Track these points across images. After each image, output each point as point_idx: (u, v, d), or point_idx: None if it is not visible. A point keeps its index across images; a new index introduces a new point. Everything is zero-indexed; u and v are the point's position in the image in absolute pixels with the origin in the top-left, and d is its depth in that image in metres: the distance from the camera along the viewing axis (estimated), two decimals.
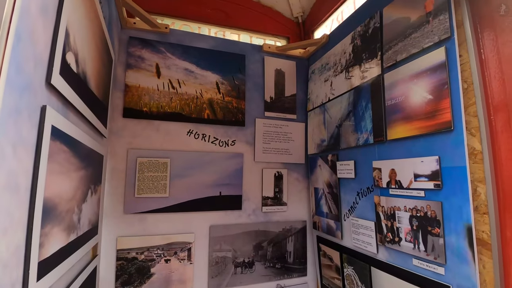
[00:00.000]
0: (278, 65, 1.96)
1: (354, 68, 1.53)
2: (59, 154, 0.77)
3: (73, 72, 0.83)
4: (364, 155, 1.44)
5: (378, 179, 1.33)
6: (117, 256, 1.50)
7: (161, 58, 1.68)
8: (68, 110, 0.86)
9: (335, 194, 1.64)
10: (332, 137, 1.68)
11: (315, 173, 1.86)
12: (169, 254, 1.59)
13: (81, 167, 0.97)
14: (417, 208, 1.13)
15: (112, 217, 1.52)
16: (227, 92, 1.80)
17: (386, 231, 1.28)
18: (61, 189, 0.79)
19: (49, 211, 0.72)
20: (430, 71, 1.10)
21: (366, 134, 1.41)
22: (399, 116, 1.23)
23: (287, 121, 1.95)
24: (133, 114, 1.59)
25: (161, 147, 1.64)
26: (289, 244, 1.85)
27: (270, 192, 1.85)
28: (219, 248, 1.69)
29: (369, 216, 1.40)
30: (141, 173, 1.57)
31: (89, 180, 1.10)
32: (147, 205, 1.57)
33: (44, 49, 0.67)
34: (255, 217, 1.80)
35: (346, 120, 1.57)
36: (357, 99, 1.49)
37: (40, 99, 0.67)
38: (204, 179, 1.69)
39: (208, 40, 1.81)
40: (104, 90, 1.26)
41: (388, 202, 1.27)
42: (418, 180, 1.13)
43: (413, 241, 1.14)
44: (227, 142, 1.78)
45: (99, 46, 1.12)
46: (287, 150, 1.92)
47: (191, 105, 1.71)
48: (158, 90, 1.65)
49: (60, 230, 0.81)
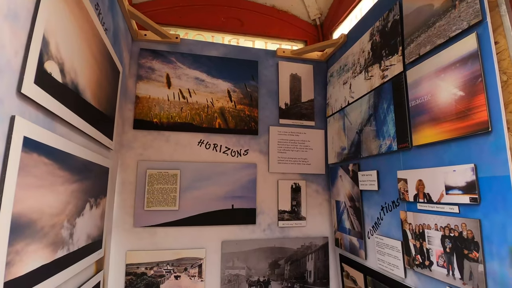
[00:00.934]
0: (293, 70, 1.85)
1: (374, 67, 1.38)
2: (37, 167, 0.73)
3: (56, 82, 0.80)
4: (388, 164, 1.27)
5: (403, 192, 1.15)
6: (126, 271, 1.46)
7: (172, 68, 1.66)
8: (54, 121, 0.83)
9: (358, 208, 1.47)
10: (352, 145, 1.53)
11: (336, 185, 1.70)
12: (179, 270, 1.51)
13: (73, 180, 0.94)
14: (450, 226, 0.95)
15: (121, 230, 1.49)
16: (239, 100, 1.72)
17: (415, 252, 1.09)
18: (41, 204, 0.75)
19: (22, 227, 0.67)
20: (460, 63, 0.93)
21: (389, 140, 1.25)
22: (425, 118, 1.06)
23: (304, 128, 1.82)
24: (143, 125, 1.58)
25: (171, 158, 1.60)
26: (309, 263, 1.69)
27: (286, 206, 1.72)
28: (232, 265, 1.58)
29: (395, 235, 1.22)
30: (151, 186, 1.53)
31: (86, 193, 1.06)
32: (157, 218, 1.53)
33: (14, 56, 0.64)
34: (270, 232, 1.68)
35: (366, 125, 1.41)
36: (378, 101, 1.34)
37: (8, 109, 0.63)
38: (215, 191, 1.62)
39: (219, 47, 1.77)
40: (107, 102, 1.25)
41: (416, 219, 1.09)
42: (450, 193, 0.95)
43: (447, 266, 0.96)
44: (239, 151, 1.70)
45: (98, 58, 1.10)
46: (305, 159, 1.79)
47: (202, 115, 1.65)
48: (169, 101, 1.62)
49: (41, 247, 0.76)
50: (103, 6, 1.16)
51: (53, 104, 0.79)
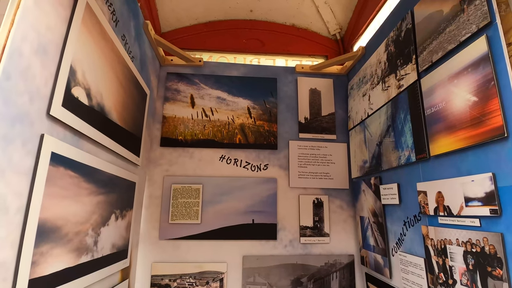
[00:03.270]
0: (312, 85, 1.87)
1: (390, 78, 1.36)
2: (63, 179, 0.84)
3: (82, 105, 0.92)
4: (408, 176, 1.22)
5: (424, 205, 1.09)
6: (151, 282, 1.53)
7: (195, 89, 1.77)
8: (81, 139, 0.94)
9: (381, 224, 1.40)
10: (373, 157, 1.48)
11: (360, 200, 1.64)
12: (201, 283, 1.55)
13: (98, 192, 1.04)
14: (472, 241, 0.87)
15: (147, 243, 1.58)
16: (258, 116, 1.78)
17: (438, 270, 1.01)
18: (66, 212, 0.85)
19: (47, 232, 0.77)
20: (472, 68, 0.89)
21: (407, 151, 1.20)
22: (441, 127, 1.01)
23: (325, 142, 1.80)
24: (169, 143, 1.69)
25: (194, 173, 1.68)
26: (334, 282, 1.63)
27: (308, 221, 1.69)
28: (253, 281, 1.58)
29: (418, 251, 1.14)
30: (175, 200, 1.62)
31: (112, 205, 1.16)
32: (180, 231, 1.59)
33: (44, 84, 0.76)
34: (292, 248, 1.65)
35: (386, 137, 1.37)
36: (395, 111, 1.30)
37: (39, 129, 0.74)
38: (236, 206, 1.65)
39: (239, 68, 1.86)
40: (134, 122, 1.37)
41: (438, 234, 1.02)
42: (470, 204, 0.88)
43: (470, 285, 0.88)
44: (259, 166, 1.73)
45: (123, 82, 1.23)
46: (327, 174, 1.76)
47: (223, 131, 1.73)
48: (193, 119, 1.73)
49: (65, 251, 0.85)
50: (129, 36, 1.31)
51: (80, 124, 0.90)
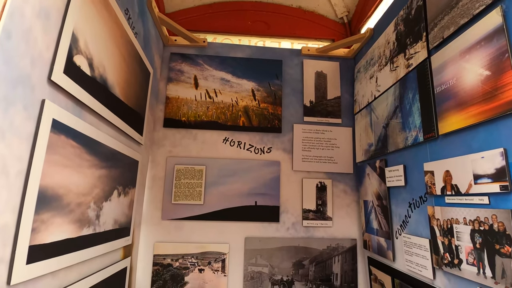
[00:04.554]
0: (319, 68, 1.84)
1: (399, 58, 1.32)
2: (65, 147, 0.83)
3: (85, 74, 0.90)
4: (414, 157, 1.19)
5: (431, 185, 1.07)
6: (153, 261, 1.54)
7: (199, 70, 1.75)
8: (83, 110, 0.93)
9: (385, 206, 1.39)
10: (379, 140, 1.46)
11: (364, 184, 1.63)
12: (203, 263, 1.55)
13: (100, 165, 1.04)
14: (480, 219, 0.86)
15: (150, 223, 1.58)
16: (262, 98, 1.75)
17: (443, 250, 1.00)
18: (67, 182, 0.84)
19: (48, 199, 0.76)
20: (485, 41, 0.86)
21: (415, 131, 1.18)
22: (451, 104, 0.98)
23: (330, 126, 1.78)
24: (172, 124, 1.68)
25: (197, 155, 1.67)
26: (336, 265, 1.62)
27: (311, 205, 1.68)
28: (255, 262, 1.58)
29: (423, 233, 1.13)
30: (178, 180, 1.61)
31: (114, 181, 1.16)
32: (183, 212, 1.59)
33: (46, 49, 0.74)
34: (294, 231, 1.65)
35: (393, 118, 1.35)
36: (403, 91, 1.27)
37: (40, 94, 0.73)
38: (239, 188, 1.64)
39: (244, 49, 1.83)
40: (137, 100, 1.35)
41: (444, 214, 1.00)
42: (479, 182, 0.86)
43: (477, 263, 0.86)
44: (263, 149, 1.71)
45: (126, 58, 1.21)
46: (331, 158, 1.74)
47: (226, 113, 1.71)
48: (196, 100, 1.71)
49: (67, 221, 0.85)
50: (133, 12, 1.28)
51: (82, 94, 0.89)
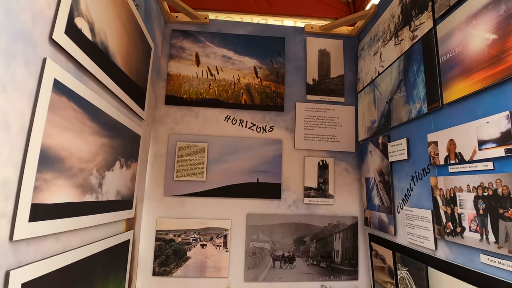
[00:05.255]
0: (322, 45, 1.81)
1: (404, 31, 1.30)
2: (66, 110, 0.82)
3: (86, 38, 0.89)
4: (418, 130, 1.19)
5: (434, 156, 1.06)
6: (156, 236, 1.55)
7: (201, 47, 1.73)
8: (84, 76, 0.92)
9: (387, 182, 1.38)
10: (382, 116, 1.45)
11: (366, 162, 1.62)
12: (205, 239, 1.57)
13: (102, 134, 1.03)
14: (484, 185, 0.85)
15: (152, 199, 1.59)
16: (265, 76, 1.74)
17: (446, 220, 1.00)
18: (69, 145, 0.84)
19: (50, 160, 0.76)
20: (492, 5, 0.84)
21: (419, 103, 1.16)
22: (456, 72, 0.97)
23: (333, 105, 1.77)
24: (174, 101, 1.67)
25: (199, 132, 1.66)
26: (336, 242, 1.63)
27: (313, 183, 1.68)
28: (257, 238, 1.59)
29: (425, 204, 1.13)
30: (180, 157, 1.61)
31: (117, 152, 1.16)
32: (185, 188, 1.60)
33: (47, 7, 0.73)
34: (296, 208, 1.66)
35: (397, 93, 1.33)
36: (408, 64, 1.25)
37: (41, 52, 0.72)
38: (241, 165, 1.64)
39: (246, 26, 1.80)
40: (138, 73, 1.34)
41: (448, 183, 1.00)
42: (483, 147, 0.86)
43: (480, 230, 0.86)
44: (265, 128, 1.71)
45: (127, 28, 1.20)
46: (334, 136, 1.73)
47: (228, 91, 1.70)
48: (197, 78, 1.70)
49: (69, 184, 0.85)
50: None
51: (84, 58, 0.88)
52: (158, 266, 1.52)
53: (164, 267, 1.52)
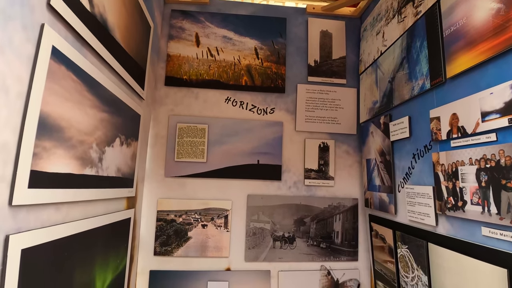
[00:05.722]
0: (324, 26, 1.79)
1: (407, 7, 1.28)
2: (65, 79, 0.81)
3: (84, 8, 0.87)
4: (420, 107, 1.17)
5: (436, 131, 1.06)
6: (157, 217, 1.56)
7: (201, 28, 1.71)
8: (83, 48, 0.91)
9: (388, 161, 1.38)
10: (384, 96, 1.43)
11: (367, 143, 1.61)
12: (206, 219, 1.57)
13: (102, 109, 1.02)
14: (487, 157, 0.85)
15: (153, 180, 1.59)
16: (266, 57, 1.72)
17: (447, 195, 1.00)
18: (68, 115, 0.83)
19: (49, 128, 0.75)
20: None
21: (421, 79, 1.15)
22: (460, 45, 0.95)
23: (335, 87, 1.75)
24: (174, 82, 1.65)
25: (199, 114, 1.65)
26: (337, 223, 1.64)
27: (314, 165, 1.68)
28: (257, 219, 1.60)
29: (427, 181, 1.12)
30: (181, 138, 1.61)
31: (117, 128, 1.15)
32: (186, 169, 1.60)
33: None
34: (296, 190, 1.66)
35: (399, 71, 1.31)
36: (411, 41, 1.23)
37: (39, 17, 0.71)
38: (241, 147, 1.64)
39: (247, 6, 1.77)
40: (137, 51, 1.32)
41: (449, 158, 0.99)
42: (486, 119, 0.85)
43: (482, 202, 0.86)
44: (266, 110, 1.69)
45: (128, 6, 1.17)
46: (335, 119, 1.72)
47: (229, 72, 1.68)
48: (197, 59, 1.68)
49: (69, 156, 0.84)
50: None
51: (82, 28, 0.86)
52: (159, 246, 1.53)
53: (165, 247, 1.53)
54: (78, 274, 0.92)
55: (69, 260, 0.87)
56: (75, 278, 0.91)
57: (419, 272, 1.15)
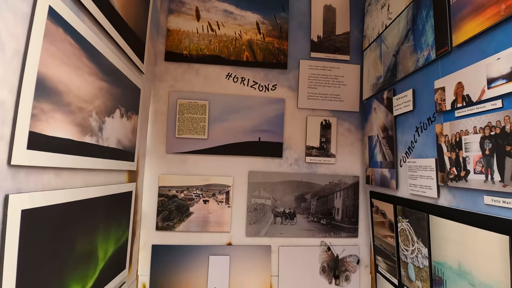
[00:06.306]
0: (327, 1, 1.74)
1: None
2: (63, 42, 0.79)
3: None
4: (425, 78, 1.15)
5: (440, 102, 1.04)
6: (158, 192, 1.56)
7: (201, 1, 1.67)
8: (81, 12, 0.88)
9: (391, 136, 1.37)
10: (388, 70, 1.41)
11: (370, 120, 1.60)
12: (207, 195, 1.58)
13: (101, 77, 1.01)
14: (492, 124, 0.83)
15: (154, 156, 1.59)
16: (267, 32, 1.68)
17: (450, 166, 0.99)
18: (67, 80, 0.82)
19: (48, 90, 0.74)
20: None
21: (427, 50, 1.12)
22: (467, 11, 0.92)
23: (338, 63, 1.72)
24: (174, 57, 1.63)
25: (200, 90, 1.64)
26: (337, 200, 1.64)
27: (315, 142, 1.67)
28: (258, 195, 1.60)
29: (429, 153, 1.11)
30: (181, 114, 1.60)
31: (116, 99, 1.14)
32: (187, 146, 1.59)
33: None
34: (297, 167, 1.65)
35: (404, 43, 1.28)
36: (417, 11, 1.20)
37: None
38: (242, 124, 1.63)
39: None
40: (137, 23, 1.30)
41: (453, 128, 0.98)
42: (492, 85, 0.83)
43: (485, 171, 0.85)
44: (267, 86, 1.67)
45: None
46: (337, 96, 1.70)
47: (229, 47, 1.65)
48: (198, 33, 1.65)
49: (68, 121, 0.84)
50: None
51: None
52: (161, 221, 1.54)
53: (167, 222, 1.54)
54: (80, 241, 0.93)
55: (70, 226, 0.88)
56: (77, 245, 0.92)
57: (419, 244, 1.15)
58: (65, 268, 0.85)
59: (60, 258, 0.83)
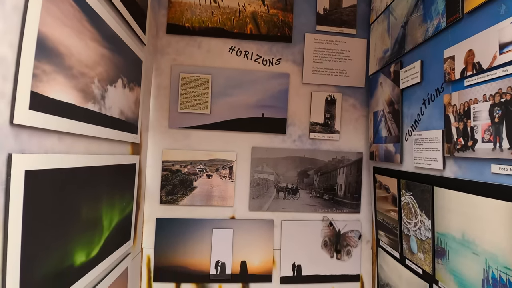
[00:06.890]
0: None
1: None
2: (64, 3, 0.77)
3: None
4: (434, 49, 1.12)
5: (450, 71, 1.01)
6: (162, 167, 1.57)
7: None
8: None
9: (396, 110, 1.34)
10: (396, 42, 1.37)
11: (375, 95, 1.57)
12: (211, 170, 1.58)
13: (103, 44, 0.99)
14: (502, 91, 0.81)
15: (157, 131, 1.58)
16: (272, 3, 1.63)
17: (457, 136, 0.97)
18: (68, 42, 0.80)
19: (49, 51, 0.72)
20: None
21: (437, 19, 1.08)
22: None
23: (344, 37, 1.68)
24: (176, 30, 1.59)
25: (202, 64, 1.61)
26: (340, 176, 1.64)
27: (319, 118, 1.65)
28: (261, 170, 1.61)
29: (436, 125, 1.10)
30: (184, 89, 1.58)
31: (118, 68, 1.12)
32: (190, 121, 1.58)
33: None
34: (300, 143, 1.64)
35: (413, 13, 1.24)
36: None
37: None
38: (246, 99, 1.61)
39: None
40: None
41: (462, 97, 0.95)
42: (505, 51, 0.80)
43: (493, 139, 0.83)
44: (272, 60, 1.64)
45: None
46: (343, 71, 1.66)
47: (233, 19, 1.61)
48: (200, 5, 1.60)
49: (70, 86, 0.82)
50: None
51: None
52: (165, 195, 1.55)
53: (171, 196, 1.55)
54: (84, 208, 0.94)
55: (75, 192, 0.88)
56: (82, 212, 0.92)
57: (422, 217, 1.15)
58: (70, 233, 0.86)
59: (65, 223, 0.83)
